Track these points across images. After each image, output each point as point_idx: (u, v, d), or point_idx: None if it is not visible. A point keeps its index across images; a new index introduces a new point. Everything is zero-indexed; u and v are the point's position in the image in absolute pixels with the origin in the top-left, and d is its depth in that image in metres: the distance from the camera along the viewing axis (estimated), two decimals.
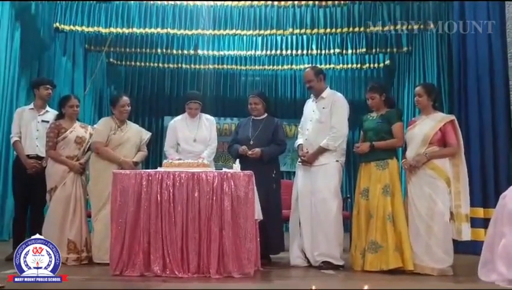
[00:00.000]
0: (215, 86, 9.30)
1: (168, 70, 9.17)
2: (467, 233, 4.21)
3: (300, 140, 4.80)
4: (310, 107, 4.80)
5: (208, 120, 5.10)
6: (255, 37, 7.57)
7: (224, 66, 8.91)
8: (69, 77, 7.46)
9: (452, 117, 4.41)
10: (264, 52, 7.80)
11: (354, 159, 6.42)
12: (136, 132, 4.89)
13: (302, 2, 6.78)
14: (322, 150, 4.54)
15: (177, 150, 4.97)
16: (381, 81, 8.06)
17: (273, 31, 6.96)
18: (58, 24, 6.84)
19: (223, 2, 6.77)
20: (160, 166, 4.28)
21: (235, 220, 3.92)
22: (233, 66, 8.94)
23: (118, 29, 6.87)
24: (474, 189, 5.03)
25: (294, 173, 5.02)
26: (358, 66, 8.67)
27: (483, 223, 5.08)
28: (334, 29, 6.91)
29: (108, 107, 5.25)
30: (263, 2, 6.78)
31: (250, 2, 6.77)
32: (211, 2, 6.78)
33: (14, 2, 6.15)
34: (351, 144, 5.01)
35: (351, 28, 6.86)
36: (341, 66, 8.76)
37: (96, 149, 4.63)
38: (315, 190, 4.50)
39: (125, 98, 4.83)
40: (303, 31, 6.99)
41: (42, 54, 6.90)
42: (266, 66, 8.96)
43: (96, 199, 4.59)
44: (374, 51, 7.76)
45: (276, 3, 6.80)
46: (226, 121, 9.16)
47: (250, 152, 4.75)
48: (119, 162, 4.59)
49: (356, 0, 6.71)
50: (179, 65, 8.78)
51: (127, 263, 3.90)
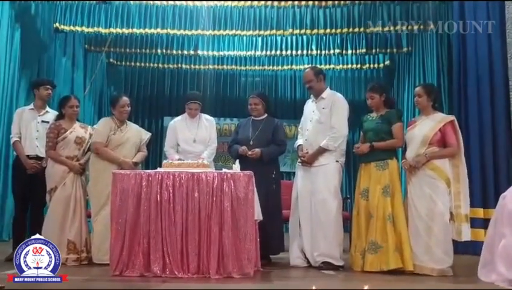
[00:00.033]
0: (215, 87, 9.32)
1: (168, 70, 9.18)
2: (466, 233, 4.21)
3: (300, 140, 4.80)
4: (310, 107, 4.80)
5: (208, 120, 5.10)
6: (254, 38, 7.59)
7: (224, 66, 8.93)
8: (69, 77, 7.47)
9: (452, 118, 4.40)
10: (264, 52, 7.82)
11: (354, 160, 6.41)
12: (135, 132, 4.89)
13: (302, 3, 6.79)
14: (321, 151, 4.54)
15: (177, 150, 4.97)
16: (381, 81, 8.06)
17: (273, 31, 6.96)
18: (58, 24, 6.86)
19: (222, 2, 6.77)
20: (160, 166, 4.27)
21: (235, 221, 3.91)
22: (233, 66, 8.96)
23: (118, 29, 6.89)
24: (474, 189, 5.02)
25: (294, 174, 5.02)
26: (358, 66, 8.71)
27: (483, 223, 5.08)
28: (334, 29, 6.91)
29: (108, 108, 5.25)
30: (263, 2, 6.78)
31: (250, 2, 6.77)
32: (211, 3, 6.78)
33: (14, 3, 6.15)
34: (350, 144, 5.00)
35: (351, 29, 6.87)
36: (341, 66, 8.79)
37: (96, 149, 4.62)
38: (315, 190, 4.50)
39: (125, 99, 4.83)
40: (303, 32, 7.00)
41: (42, 55, 6.89)
42: (266, 67, 8.98)
43: (96, 199, 4.59)
44: (373, 51, 7.79)
45: (276, 3, 6.80)
46: (226, 121, 9.16)
47: (250, 152, 4.74)
48: (119, 163, 4.59)
49: (356, 1, 6.71)
50: (179, 65, 8.80)
51: (126, 264, 3.89)
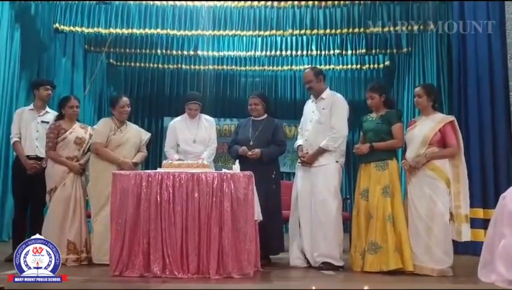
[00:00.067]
0: (215, 87, 9.32)
1: (167, 71, 9.18)
2: (466, 234, 4.21)
3: (300, 141, 4.80)
4: (310, 107, 4.80)
5: (208, 121, 5.10)
6: (254, 38, 7.58)
7: (224, 66, 8.94)
8: (69, 77, 7.46)
9: (452, 118, 4.40)
10: (263, 52, 7.82)
11: (354, 160, 6.41)
12: (135, 133, 4.88)
13: (302, 3, 6.78)
14: (321, 151, 4.53)
15: (177, 150, 4.96)
16: (381, 81, 8.06)
17: (273, 31, 6.96)
18: (58, 25, 6.86)
19: (222, 2, 6.77)
20: (159, 167, 4.27)
21: (235, 221, 3.91)
22: (233, 66, 8.97)
23: (118, 29, 6.89)
24: (474, 190, 5.02)
25: (294, 174, 5.02)
26: (358, 66, 8.72)
27: (483, 223, 5.08)
28: (333, 30, 6.91)
29: (108, 108, 5.25)
30: (263, 2, 6.78)
31: (250, 2, 6.77)
32: (211, 3, 6.78)
33: (14, 3, 6.15)
34: (350, 144, 5.00)
35: (351, 29, 6.87)
36: (341, 66, 8.80)
37: (96, 150, 4.62)
38: (315, 190, 4.49)
39: (124, 99, 4.83)
40: (303, 32, 6.99)
41: (42, 55, 6.89)
42: (266, 67, 8.98)
43: (95, 199, 4.58)
44: (373, 51, 7.80)
45: (275, 3, 6.80)
46: (226, 121, 9.17)
47: (250, 153, 4.74)
48: (119, 163, 4.59)
49: (356, 1, 6.70)
50: (179, 66, 8.80)
51: (126, 264, 3.89)
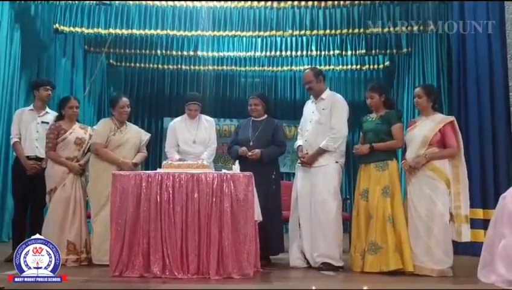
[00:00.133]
0: (215, 87, 9.32)
1: (167, 71, 9.18)
2: (466, 234, 4.21)
3: (299, 141, 4.80)
4: (310, 108, 4.80)
5: (208, 121, 5.10)
6: (254, 38, 7.58)
7: (224, 67, 8.95)
8: (69, 78, 7.47)
9: (452, 118, 4.40)
10: (263, 53, 7.83)
11: (354, 160, 6.41)
12: (135, 133, 4.88)
13: (302, 3, 6.78)
14: (321, 151, 4.53)
15: (178, 151, 4.97)
16: (381, 82, 8.06)
17: (273, 32, 6.96)
18: (57, 25, 6.86)
19: (222, 3, 6.77)
20: (159, 167, 4.27)
21: (235, 221, 3.91)
22: (233, 67, 8.97)
23: (118, 30, 6.88)
24: (474, 190, 5.02)
25: (294, 174, 5.02)
26: (358, 67, 8.72)
27: (482, 224, 5.08)
28: (333, 30, 6.91)
29: (108, 108, 5.25)
30: (263, 3, 6.78)
31: (249, 3, 6.77)
32: (211, 3, 6.78)
33: (14, 3, 6.15)
34: (350, 145, 5.00)
35: (351, 29, 6.87)
36: (341, 67, 8.81)
37: (96, 150, 4.62)
38: (314, 191, 4.49)
39: (124, 99, 4.83)
40: (302, 32, 6.99)
41: (42, 55, 6.90)
42: (266, 67, 8.99)
43: (95, 200, 4.58)
44: (373, 52, 7.80)
45: (275, 4, 6.80)
46: (226, 122, 9.16)
47: (249, 153, 4.74)
48: (119, 163, 4.58)
49: (356, 1, 6.70)
50: (179, 66, 8.81)
51: (126, 264, 3.89)
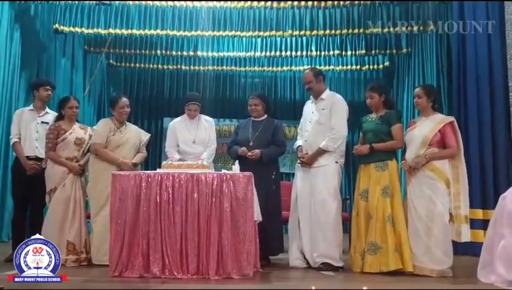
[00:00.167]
0: (215, 88, 9.32)
1: (167, 71, 9.18)
2: (466, 234, 4.21)
3: (299, 141, 4.80)
4: (309, 108, 4.80)
5: (207, 121, 5.10)
6: (254, 39, 7.58)
7: (224, 67, 8.95)
8: (69, 78, 7.46)
9: (452, 118, 4.40)
10: (263, 53, 7.82)
11: (354, 161, 6.41)
12: (135, 133, 4.88)
13: (302, 3, 6.78)
14: (321, 152, 4.53)
15: (178, 151, 4.97)
16: (381, 82, 8.06)
17: (273, 32, 6.95)
18: (57, 25, 6.86)
19: (222, 3, 6.77)
20: (159, 167, 4.27)
21: (235, 222, 3.91)
22: (233, 67, 8.97)
23: (118, 30, 6.88)
24: (474, 190, 5.02)
25: (294, 175, 5.02)
26: (358, 67, 8.72)
27: (482, 224, 5.08)
28: (333, 30, 6.90)
29: (108, 109, 5.25)
30: (262, 3, 6.77)
31: (249, 3, 6.76)
32: (210, 3, 6.78)
33: (14, 3, 6.15)
34: (350, 145, 5.01)
35: (351, 30, 6.86)
36: (340, 67, 8.81)
37: (96, 150, 4.62)
38: (314, 191, 4.49)
39: (124, 100, 4.83)
40: (302, 33, 6.98)
41: (41, 55, 6.89)
42: (265, 68, 8.99)
43: (95, 200, 4.58)
44: (373, 52, 7.80)
45: (275, 4, 6.80)
46: (226, 122, 9.16)
47: (249, 153, 4.73)
48: (118, 164, 4.58)
49: (355, 1, 6.70)
50: (179, 66, 8.81)
51: (126, 264, 3.89)
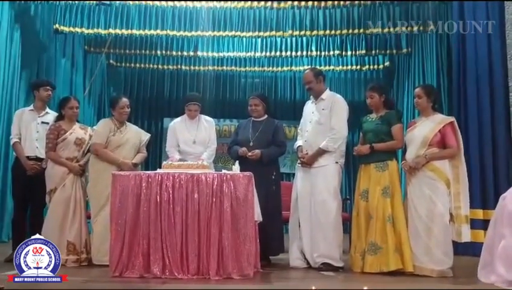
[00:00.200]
0: (215, 88, 9.32)
1: (167, 71, 9.18)
2: (466, 234, 4.21)
3: (299, 141, 4.80)
4: (310, 108, 4.80)
5: (208, 122, 5.10)
6: (254, 39, 7.57)
7: (224, 67, 8.95)
8: (69, 78, 7.46)
9: (452, 119, 4.40)
10: (263, 53, 7.82)
11: (354, 161, 6.41)
12: (135, 134, 4.88)
13: (302, 3, 6.78)
14: (321, 152, 4.53)
15: (178, 151, 4.96)
16: (381, 82, 8.06)
17: (273, 32, 6.95)
18: (57, 25, 6.86)
19: (222, 3, 6.77)
20: (159, 167, 4.27)
21: (235, 222, 3.91)
22: (233, 67, 8.97)
23: (118, 30, 6.87)
24: (474, 190, 5.02)
25: (294, 175, 5.02)
26: (358, 67, 8.72)
27: (482, 224, 5.08)
28: (333, 30, 6.89)
29: (108, 109, 5.25)
30: (263, 3, 6.77)
31: (249, 3, 6.76)
32: (211, 4, 6.77)
33: (14, 3, 6.15)
34: (350, 145, 5.01)
35: (351, 30, 6.86)
36: (340, 67, 8.81)
37: (96, 151, 4.62)
38: (314, 191, 4.49)
39: (124, 100, 4.83)
40: (302, 33, 6.98)
41: (41, 56, 6.89)
42: (266, 68, 8.98)
43: (95, 200, 4.58)
44: (373, 52, 7.80)
45: (275, 4, 6.80)
46: (226, 122, 9.16)
47: (250, 154, 4.73)
48: (119, 164, 4.58)
49: (356, 1, 6.70)
50: (179, 67, 8.81)
51: (126, 265, 3.89)
